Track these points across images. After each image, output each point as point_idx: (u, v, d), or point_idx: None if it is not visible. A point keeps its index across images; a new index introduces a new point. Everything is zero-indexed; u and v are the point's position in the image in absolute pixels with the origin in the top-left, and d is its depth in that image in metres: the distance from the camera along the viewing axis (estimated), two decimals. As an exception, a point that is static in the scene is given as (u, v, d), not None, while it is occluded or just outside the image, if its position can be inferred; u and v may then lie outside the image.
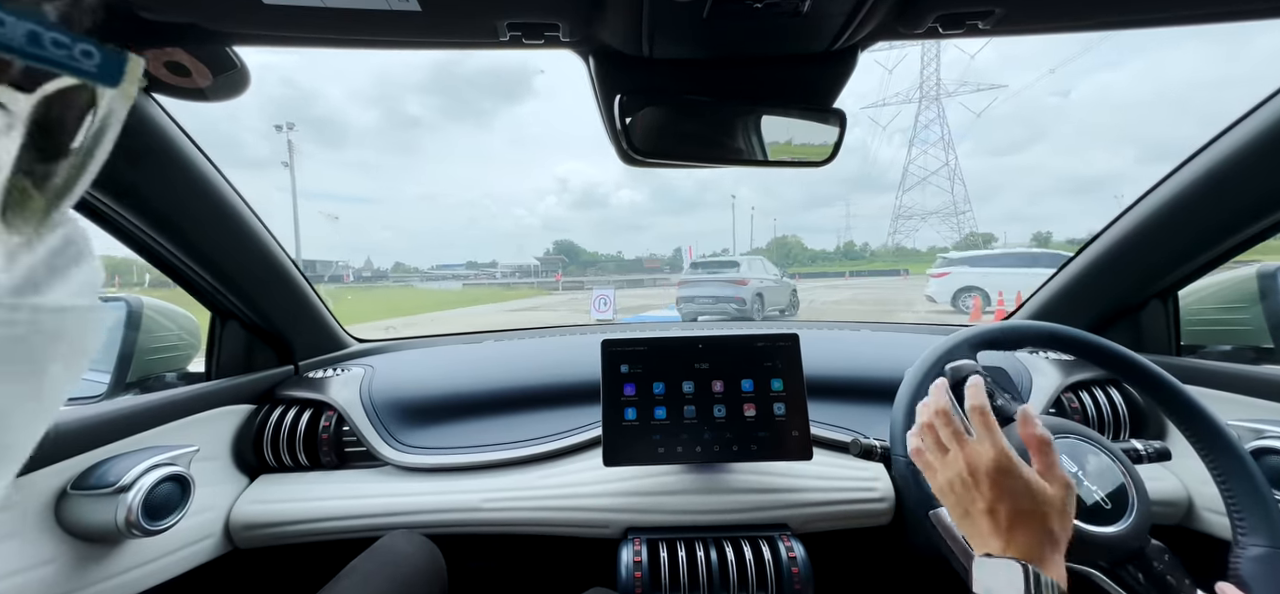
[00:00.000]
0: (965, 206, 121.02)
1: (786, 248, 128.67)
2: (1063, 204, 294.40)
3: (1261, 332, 0.98)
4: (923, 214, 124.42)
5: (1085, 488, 0.60)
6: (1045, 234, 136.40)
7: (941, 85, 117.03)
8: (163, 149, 0.72)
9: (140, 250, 0.84)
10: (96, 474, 0.69)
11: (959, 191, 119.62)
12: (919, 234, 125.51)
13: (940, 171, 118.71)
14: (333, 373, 1.11)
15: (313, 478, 0.98)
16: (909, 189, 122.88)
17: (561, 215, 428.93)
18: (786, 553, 0.82)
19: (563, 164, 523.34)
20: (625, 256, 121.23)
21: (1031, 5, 0.56)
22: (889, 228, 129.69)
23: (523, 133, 53.77)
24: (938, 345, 0.72)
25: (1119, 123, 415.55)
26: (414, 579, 0.77)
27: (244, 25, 0.59)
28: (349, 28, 0.58)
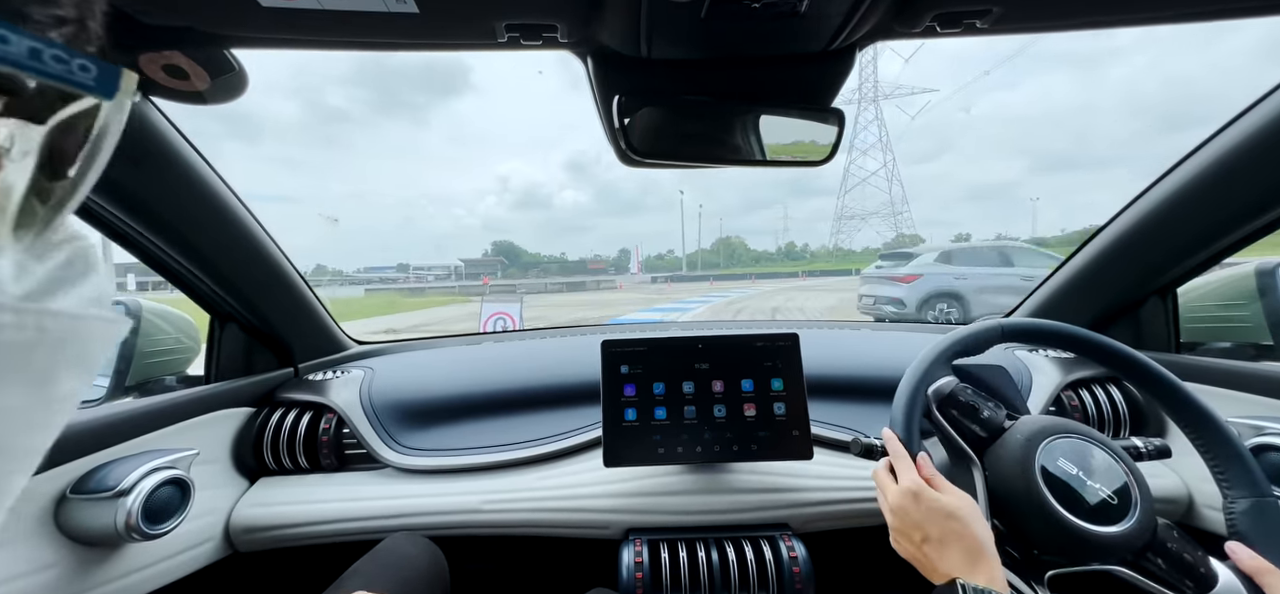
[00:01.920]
0: (903, 207, 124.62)
1: (731, 248, 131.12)
2: (968, 209, 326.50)
3: (1261, 328, 0.98)
4: (863, 214, 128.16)
5: (1089, 487, 0.60)
6: (965, 234, 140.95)
7: (879, 87, 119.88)
8: (161, 153, 0.72)
9: (139, 254, 0.84)
10: (96, 478, 0.69)
11: (897, 192, 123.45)
12: (859, 235, 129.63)
13: (879, 173, 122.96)
14: (332, 375, 1.11)
15: (313, 480, 0.98)
16: (850, 190, 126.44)
17: (502, 216, 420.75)
18: (787, 553, 0.81)
19: (504, 163, 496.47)
20: (569, 258, 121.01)
21: (1029, 4, 0.56)
22: (832, 229, 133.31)
23: (462, 130, 54.29)
24: (939, 342, 0.72)
25: (1012, 136, 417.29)
26: (417, 581, 0.77)
27: (241, 28, 0.59)
28: (347, 30, 0.58)
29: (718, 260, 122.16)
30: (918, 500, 0.57)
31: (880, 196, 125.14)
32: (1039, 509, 0.59)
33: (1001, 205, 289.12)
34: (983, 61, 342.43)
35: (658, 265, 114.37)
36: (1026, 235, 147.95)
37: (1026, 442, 0.63)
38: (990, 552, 0.53)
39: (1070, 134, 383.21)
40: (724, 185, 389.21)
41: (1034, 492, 0.59)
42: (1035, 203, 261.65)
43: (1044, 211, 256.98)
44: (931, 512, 0.56)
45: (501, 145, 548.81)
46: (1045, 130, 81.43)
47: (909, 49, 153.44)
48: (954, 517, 0.54)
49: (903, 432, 0.65)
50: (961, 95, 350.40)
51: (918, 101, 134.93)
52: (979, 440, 0.69)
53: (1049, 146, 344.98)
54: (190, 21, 0.57)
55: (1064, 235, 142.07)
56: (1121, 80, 20.56)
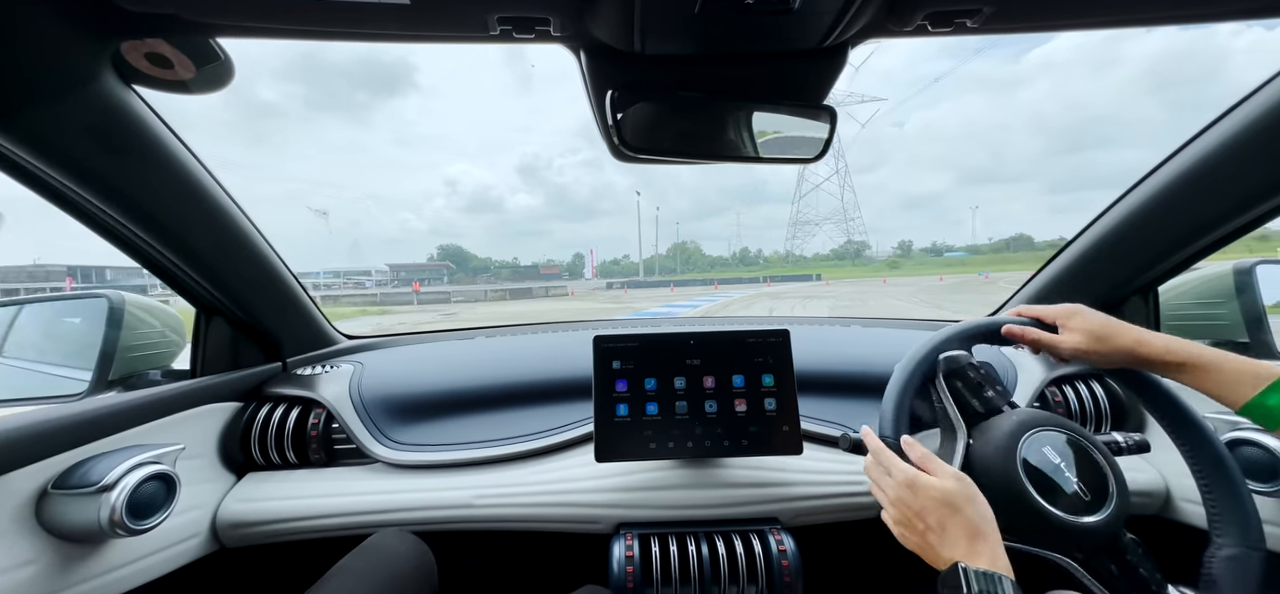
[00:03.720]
0: (855, 214, 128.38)
1: (687, 254, 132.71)
2: (903, 218, 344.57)
3: (1237, 326, 1.00)
4: (817, 220, 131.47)
5: (1066, 478, 0.61)
6: (908, 242, 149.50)
7: (832, 93, 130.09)
8: (145, 143, 0.71)
9: (124, 247, 0.83)
10: (78, 473, 0.68)
11: (848, 199, 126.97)
12: (812, 241, 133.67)
13: (831, 179, 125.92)
14: (322, 370, 1.10)
15: (301, 476, 0.97)
16: (805, 196, 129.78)
17: (452, 219, 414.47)
18: (777, 546, 0.82)
19: (452, 165, 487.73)
20: (522, 263, 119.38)
21: (1018, 5, 0.57)
22: (787, 234, 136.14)
23: (409, 131, 52.91)
24: (927, 340, 0.73)
25: (939, 152, 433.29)
26: (404, 577, 0.77)
27: (228, 16, 0.58)
28: (336, 19, 0.57)
29: (674, 266, 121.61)
30: (914, 490, 0.57)
31: (832, 203, 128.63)
32: (1017, 497, 0.60)
33: (931, 214, 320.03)
34: (915, 78, 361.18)
35: (613, 270, 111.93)
36: (964, 243, 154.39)
37: (1012, 432, 0.64)
38: (989, 529, 0.54)
39: (988, 151, 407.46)
40: (678, 190, 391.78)
41: (1013, 480, 0.61)
42: (975, 211, 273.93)
43: (968, 221, 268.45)
44: (929, 500, 0.56)
45: (450, 147, 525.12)
46: (967, 147, 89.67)
47: (859, 57, 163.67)
48: (950, 501, 0.55)
49: (892, 426, 0.66)
50: (896, 111, 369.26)
51: (866, 110, 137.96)
52: (973, 414, 0.70)
53: (971, 162, 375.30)
54: (174, 9, 0.56)
55: (991, 243, 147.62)
56: (1029, 102, 21.38)
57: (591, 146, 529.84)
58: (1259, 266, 1.01)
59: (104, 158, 0.69)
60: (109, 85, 0.63)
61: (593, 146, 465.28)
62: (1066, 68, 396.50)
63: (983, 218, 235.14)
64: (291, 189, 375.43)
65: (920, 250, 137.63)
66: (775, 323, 1.09)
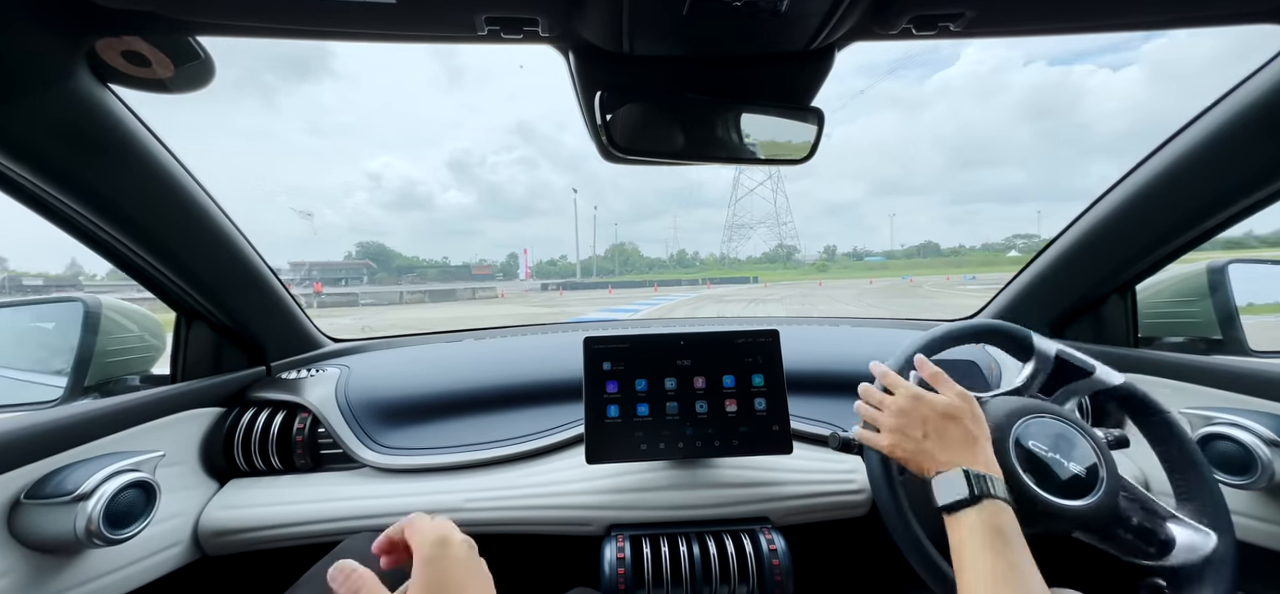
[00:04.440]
0: (787, 218, 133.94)
1: (625, 255, 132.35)
2: (826, 224, 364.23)
3: (1211, 323, 1.03)
4: (751, 223, 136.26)
5: (1061, 464, 0.64)
6: (832, 247, 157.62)
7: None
8: (122, 143, 0.69)
9: (101, 250, 0.80)
10: (53, 482, 0.66)
11: (781, 203, 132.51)
12: (747, 244, 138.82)
13: (766, 183, 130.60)
14: (306, 373, 1.08)
15: (286, 481, 0.95)
16: (740, 200, 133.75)
17: (375, 216, 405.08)
18: (767, 545, 0.83)
19: (375, 159, 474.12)
20: (452, 262, 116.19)
21: (1001, 10, 0.58)
22: (723, 237, 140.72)
23: (326, 120, 48.69)
24: (912, 340, 0.74)
25: (857, 164, 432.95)
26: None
27: (208, 14, 0.57)
28: (320, 19, 0.57)
29: (613, 267, 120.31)
30: (918, 400, 0.63)
31: (765, 207, 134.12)
32: (1013, 481, 0.61)
33: (850, 221, 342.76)
34: (840, 92, 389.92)
35: (550, 271, 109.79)
36: (881, 248, 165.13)
37: (1005, 418, 0.66)
38: (985, 442, 0.60)
39: (898, 165, 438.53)
40: (617, 192, 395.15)
41: (1008, 465, 0.62)
42: (892, 218, 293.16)
43: (883, 228, 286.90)
44: (932, 410, 0.62)
45: (372, 139, 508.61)
46: (881, 161, 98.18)
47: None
48: (951, 414, 0.61)
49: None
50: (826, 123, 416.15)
51: None
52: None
53: (884, 174, 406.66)
54: (152, 6, 0.54)
55: (904, 249, 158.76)
56: (931, 122, 22.80)
57: (526, 143, 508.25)
58: (1231, 265, 1.04)
59: (78, 158, 0.67)
60: (83, 84, 0.61)
61: (528, 143, 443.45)
62: (961, 92, 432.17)
63: (895, 226, 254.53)
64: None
65: (843, 255, 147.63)
66: (764, 323, 1.09)
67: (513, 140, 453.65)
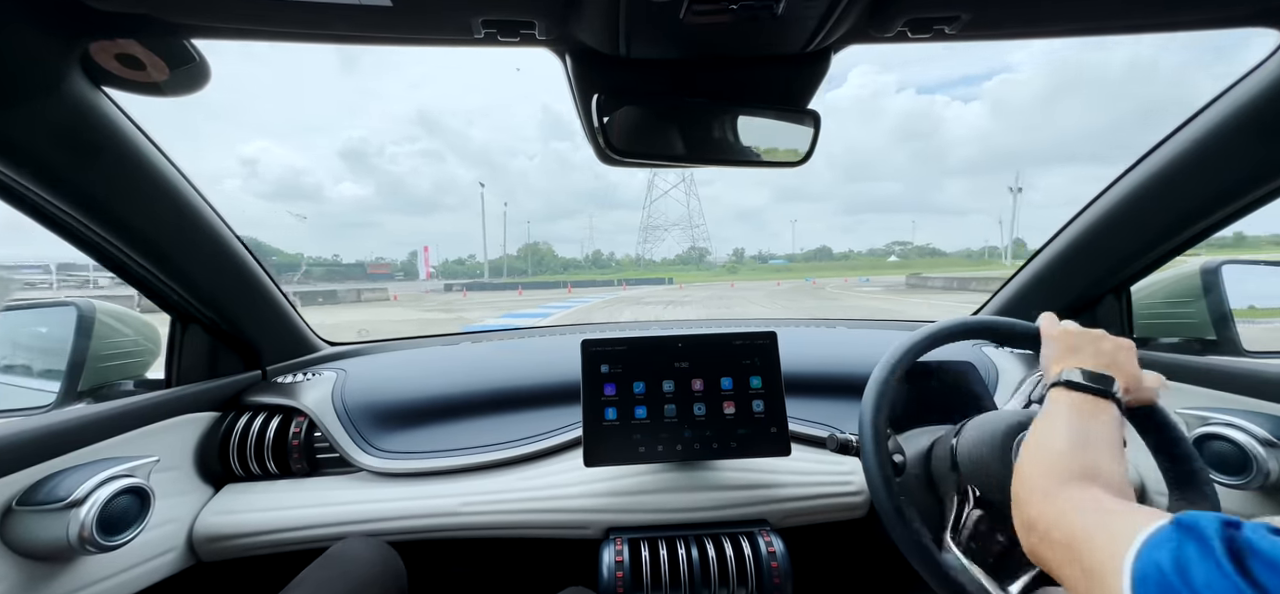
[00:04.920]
0: (700, 221, 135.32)
1: (539, 255, 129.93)
2: (734, 228, 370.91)
3: (1205, 324, 1.04)
4: (666, 225, 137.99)
5: None
6: (741, 250, 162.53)
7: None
8: (117, 147, 0.69)
9: (95, 254, 0.80)
10: (45, 489, 0.65)
11: (694, 206, 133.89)
12: (661, 245, 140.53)
13: (680, 186, 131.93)
14: (303, 377, 1.07)
15: (282, 486, 0.94)
16: (655, 201, 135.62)
17: (249, 206, 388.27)
18: (766, 548, 0.83)
19: (249, 143, 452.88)
20: (344, 260, 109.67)
21: (996, 12, 0.58)
22: (639, 239, 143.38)
23: (188, 97, 40.08)
24: (904, 340, 0.74)
25: (760, 174, 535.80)
26: (370, 584, 0.75)
27: (202, 17, 0.57)
28: (316, 22, 0.57)
29: (525, 267, 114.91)
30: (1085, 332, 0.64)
31: (679, 210, 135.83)
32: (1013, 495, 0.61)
33: (755, 226, 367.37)
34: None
35: (458, 271, 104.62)
36: (783, 252, 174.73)
37: (1004, 434, 0.65)
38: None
39: (796, 174, 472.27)
40: (529, 190, 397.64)
41: (1008, 479, 0.62)
42: (794, 224, 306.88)
43: (785, 233, 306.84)
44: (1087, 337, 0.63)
45: (244, 121, 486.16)
46: (781, 171, 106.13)
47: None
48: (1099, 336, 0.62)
49: (872, 420, 0.67)
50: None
51: None
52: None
53: (784, 182, 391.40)
54: (146, 9, 0.54)
55: (804, 253, 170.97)
56: (823, 138, 24.22)
57: (432, 135, 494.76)
58: (1225, 266, 1.05)
59: (72, 162, 0.67)
60: (77, 87, 0.61)
61: (433, 135, 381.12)
62: (847, 113, 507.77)
63: (796, 231, 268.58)
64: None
65: (751, 257, 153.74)
66: (763, 325, 1.09)
67: (416, 131, 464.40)
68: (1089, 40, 0.67)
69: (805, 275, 69.80)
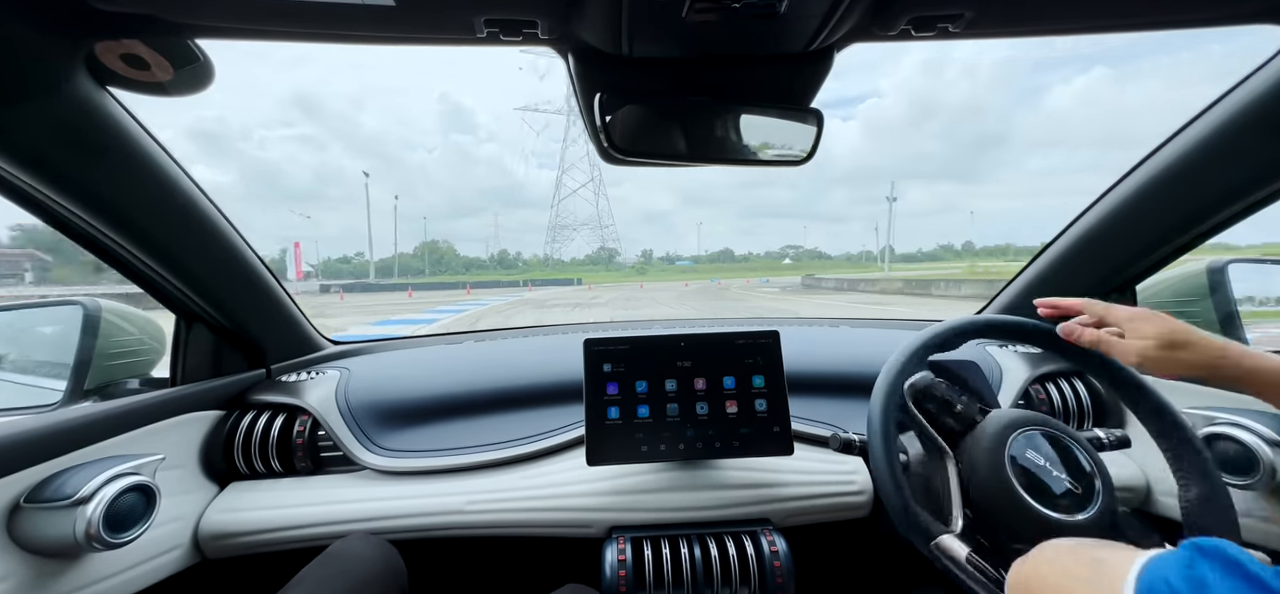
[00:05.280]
0: (609, 222, 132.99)
1: (439, 254, 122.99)
2: (643, 230, 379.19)
3: (1212, 323, 1.03)
4: (575, 225, 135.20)
5: (1056, 477, 0.63)
6: (649, 251, 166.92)
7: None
8: (122, 147, 0.69)
9: (101, 254, 0.80)
10: (52, 486, 0.66)
11: (603, 206, 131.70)
12: (570, 246, 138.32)
13: (588, 186, 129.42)
14: (307, 376, 1.08)
15: (287, 484, 0.95)
16: (563, 200, 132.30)
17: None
18: (769, 547, 0.83)
19: None
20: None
21: (1000, 10, 0.58)
22: (547, 238, 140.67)
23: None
24: (915, 338, 0.74)
25: (665, 176, 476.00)
26: (371, 581, 0.75)
27: (207, 17, 0.57)
28: (320, 22, 0.57)
29: (422, 266, 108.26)
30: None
31: (588, 210, 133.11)
32: (1008, 498, 0.61)
33: (663, 228, 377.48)
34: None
35: (342, 270, 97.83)
36: (689, 254, 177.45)
37: (998, 433, 0.65)
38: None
39: (699, 180, 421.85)
40: (429, 185, 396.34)
41: (1004, 480, 0.62)
42: (700, 227, 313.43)
43: (690, 235, 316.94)
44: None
45: None
46: (685, 174, 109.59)
47: None
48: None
49: (881, 423, 0.67)
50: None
51: None
52: (952, 433, 0.71)
53: (688, 186, 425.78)
54: (151, 9, 0.54)
55: (709, 255, 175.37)
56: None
57: (311, 119, 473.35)
58: (1231, 265, 1.04)
59: (78, 162, 0.67)
60: (82, 87, 0.61)
61: (312, 120, 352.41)
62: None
63: (702, 234, 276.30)
64: None
65: (659, 259, 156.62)
66: (766, 324, 1.09)
67: (293, 114, 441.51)
68: (940, 77, 0.67)
69: (711, 276, 70.30)
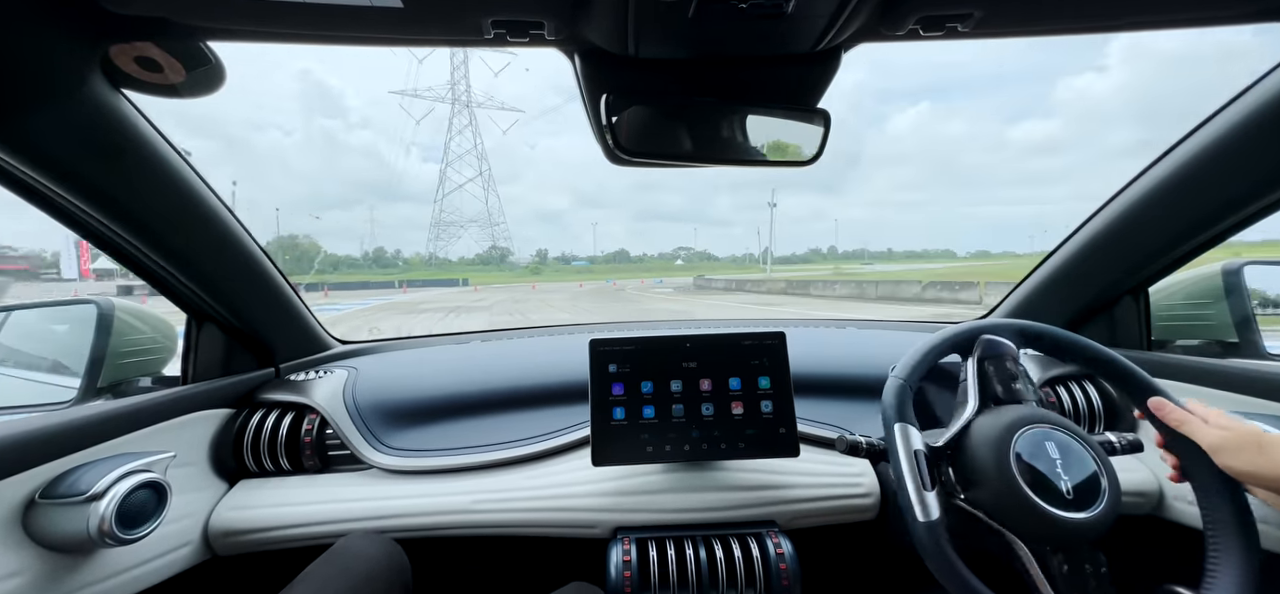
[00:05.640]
0: (500, 219, 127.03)
1: (298, 251, 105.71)
2: (538, 229, 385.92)
3: (1227, 326, 1.01)
4: (462, 222, 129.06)
5: (1060, 475, 0.62)
6: (544, 251, 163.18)
7: (472, 94, 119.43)
8: (136, 149, 0.70)
9: (115, 254, 0.82)
10: (66, 482, 0.67)
11: (493, 203, 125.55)
12: (457, 244, 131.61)
13: (476, 181, 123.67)
14: (315, 375, 1.09)
15: (295, 482, 0.96)
16: (448, 195, 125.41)
17: None
18: (774, 549, 0.82)
19: None
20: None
21: (1009, 10, 0.57)
22: (430, 235, 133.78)
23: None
24: (928, 341, 0.73)
25: (562, 176, 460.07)
26: (375, 579, 0.76)
27: (219, 20, 0.58)
28: (329, 24, 0.57)
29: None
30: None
31: (476, 206, 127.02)
32: (1011, 492, 0.61)
33: (558, 228, 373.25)
34: (544, 107, 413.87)
35: None
36: (585, 254, 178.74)
37: (1005, 428, 0.65)
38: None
39: (593, 181, 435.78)
40: (289, 173, 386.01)
41: (1007, 475, 0.61)
42: (595, 227, 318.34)
43: (586, 236, 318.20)
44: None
45: None
46: (581, 175, 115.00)
47: (500, 62, 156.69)
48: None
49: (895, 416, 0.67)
50: (527, 130, 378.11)
51: (506, 118, 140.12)
52: (990, 398, 0.71)
53: (584, 187, 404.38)
54: (165, 12, 0.55)
55: (605, 255, 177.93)
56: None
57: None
58: (1247, 267, 1.02)
59: (94, 163, 0.68)
60: (98, 89, 0.62)
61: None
62: None
63: (597, 234, 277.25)
64: None
65: (554, 259, 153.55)
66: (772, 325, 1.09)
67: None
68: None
69: (606, 277, 68.15)
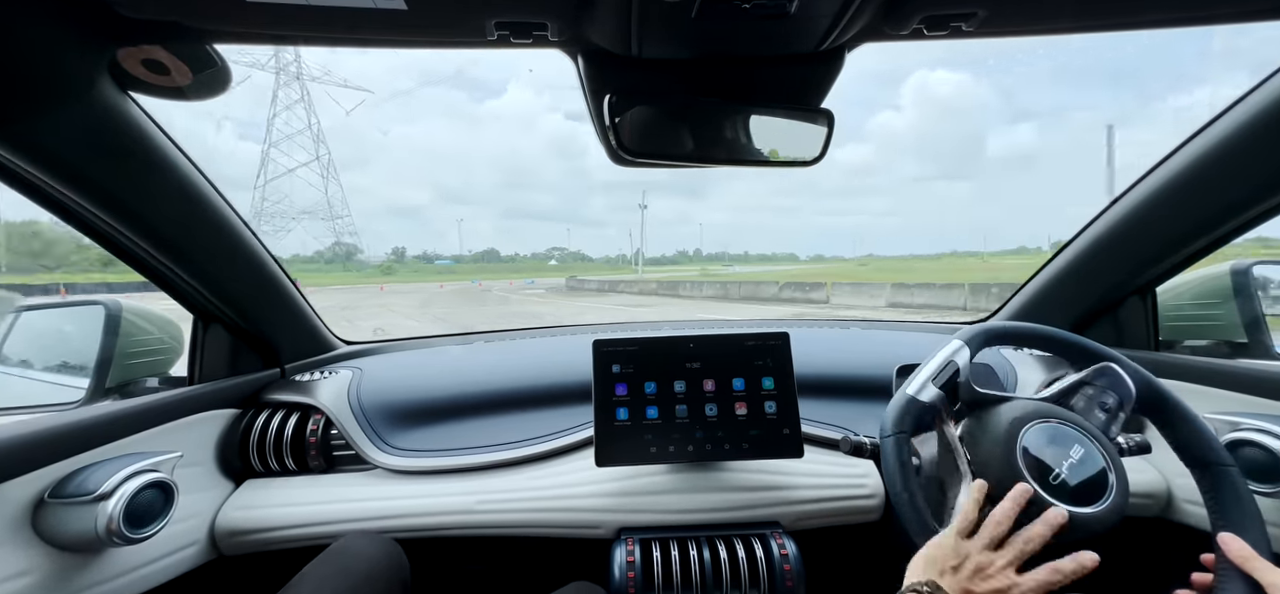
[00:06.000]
0: (343, 211, 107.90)
1: (42, 242, 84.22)
2: (394, 224, 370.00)
3: (1235, 326, 1.00)
4: (294, 214, 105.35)
5: (1067, 469, 0.62)
6: (402, 249, 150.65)
7: (303, 65, 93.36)
8: (144, 151, 0.71)
9: (122, 255, 0.82)
10: (75, 482, 0.67)
11: (335, 192, 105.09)
12: (288, 238, 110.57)
13: (312, 166, 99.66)
14: (320, 376, 1.09)
15: (300, 482, 0.96)
16: (273, 181, 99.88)
17: None
18: (778, 550, 0.82)
19: None
20: None
21: (1013, 9, 0.57)
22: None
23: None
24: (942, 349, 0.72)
25: (422, 168, 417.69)
26: (374, 579, 0.76)
27: (225, 23, 0.58)
28: (333, 26, 0.58)
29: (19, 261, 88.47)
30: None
31: (313, 195, 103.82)
32: (1015, 483, 0.60)
33: (419, 223, 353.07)
34: (394, 90, 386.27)
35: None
36: (450, 252, 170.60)
37: (1012, 423, 0.64)
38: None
39: (460, 176, 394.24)
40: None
41: (1014, 470, 0.61)
42: (460, 223, 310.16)
43: (451, 233, 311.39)
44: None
45: None
46: (445, 168, 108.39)
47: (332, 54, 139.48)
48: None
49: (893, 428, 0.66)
50: (376, 113, 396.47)
51: (350, 97, 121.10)
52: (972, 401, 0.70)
53: (448, 182, 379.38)
54: (173, 15, 0.56)
55: (472, 254, 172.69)
56: (487, 141, 21.67)
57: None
58: (1256, 267, 1.01)
59: (101, 165, 0.69)
60: (106, 92, 0.63)
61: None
62: (510, 120, 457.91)
63: (463, 232, 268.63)
64: None
65: (413, 257, 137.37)
66: (775, 325, 1.09)
67: None
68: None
69: (472, 277, 62.03)
